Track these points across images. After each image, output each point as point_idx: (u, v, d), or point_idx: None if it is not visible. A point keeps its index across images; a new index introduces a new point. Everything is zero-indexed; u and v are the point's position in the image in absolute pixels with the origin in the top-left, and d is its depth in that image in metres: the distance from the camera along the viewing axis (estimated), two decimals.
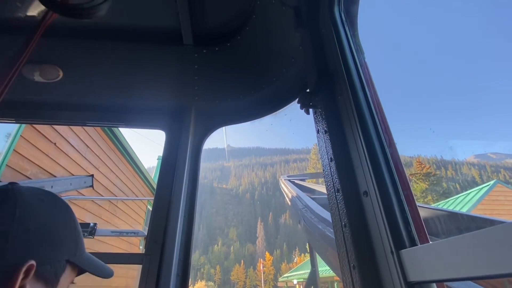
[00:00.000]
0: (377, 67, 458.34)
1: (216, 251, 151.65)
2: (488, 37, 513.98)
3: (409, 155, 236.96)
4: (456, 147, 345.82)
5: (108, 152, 8.01)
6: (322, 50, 1.10)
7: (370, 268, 0.67)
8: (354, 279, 0.69)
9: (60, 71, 1.88)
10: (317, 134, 1.02)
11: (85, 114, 1.91)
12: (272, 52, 1.84)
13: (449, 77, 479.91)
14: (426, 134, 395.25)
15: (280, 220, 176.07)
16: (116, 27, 1.91)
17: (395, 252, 0.60)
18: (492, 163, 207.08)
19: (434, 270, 0.49)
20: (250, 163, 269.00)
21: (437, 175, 50.91)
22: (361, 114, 0.81)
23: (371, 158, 0.74)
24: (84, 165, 6.54)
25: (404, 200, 0.68)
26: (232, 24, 1.91)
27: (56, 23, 1.76)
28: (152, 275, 1.43)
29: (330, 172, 0.87)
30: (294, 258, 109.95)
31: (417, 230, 0.63)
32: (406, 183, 0.71)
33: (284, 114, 2.03)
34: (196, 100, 2.01)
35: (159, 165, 16.08)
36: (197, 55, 2.02)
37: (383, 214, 0.65)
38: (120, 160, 8.96)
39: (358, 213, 0.75)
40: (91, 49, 1.93)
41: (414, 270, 0.55)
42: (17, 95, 1.88)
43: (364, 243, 0.71)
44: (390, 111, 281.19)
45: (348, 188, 0.80)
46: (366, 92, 0.84)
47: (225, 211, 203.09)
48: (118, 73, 1.97)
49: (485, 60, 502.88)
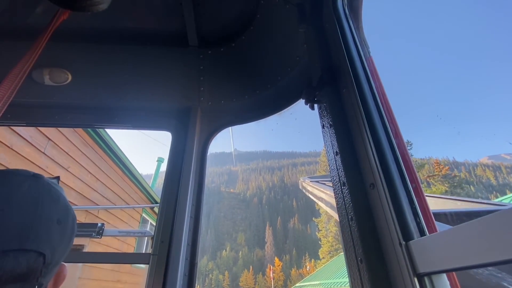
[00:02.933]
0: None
1: (224, 256, 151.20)
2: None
3: (419, 157, 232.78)
4: (464, 133, 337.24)
5: (83, 148, 6.29)
6: (327, 45, 1.10)
7: (378, 261, 0.65)
8: (361, 273, 0.67)
9: (69, 75, 1.92)
10: (322, 129, 1.01)
11: (93, 116, 1.94)
12: (276, 51, 1.84)
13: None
14: (434, 122, 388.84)
15: (288, 224, 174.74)
16: (122, 30, 1.95)
17: (404, 243, 0.58)
18: (507, 164, 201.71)
19: (444, 259, 0.47)
20: (257, 167, 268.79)
21: (458, 177, 48.71)
22: (366, 106, 0.80)
23: (378, 149, 0.72)
24: (43, 163, 4.96)
25: (412, 190, 0.66)
26: (236, 25, 1.92)
27: (64, 28, 1.81)
28: (159, 274, 1.43)
29: (336, 166, 0.86)
30: (306, 265, 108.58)
31: (425, 221, 0.61)
32: (414, 173, 0.69)
33: (290, 113, 2.01)
34: (201, 101, 2.02)
35: (158, 167, 15.39)
36: (202, 56, 2.05)
37: (391, 205, 0.64)
38: (103, 160, 7.21)
39: (364, 206, 0.73)
40: (98, 52, 1.97)
41: (424, 261, 0.53)
42: (28, 98, 1.93)
43: (371, 236, 0.69)
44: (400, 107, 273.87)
45: (354, 181, 0.78)
46: (371, 84, 0.83)
47: (233, 216, 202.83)
48: (125, 75, 2.00)
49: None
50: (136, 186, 9.45)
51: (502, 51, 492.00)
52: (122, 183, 8.45)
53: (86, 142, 6.46)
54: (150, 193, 10.59)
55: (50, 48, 1.77)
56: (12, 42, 1.77)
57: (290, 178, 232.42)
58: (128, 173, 8.70)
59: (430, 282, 0.53)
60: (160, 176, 13.81)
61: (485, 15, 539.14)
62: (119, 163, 8.02)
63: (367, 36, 1.06)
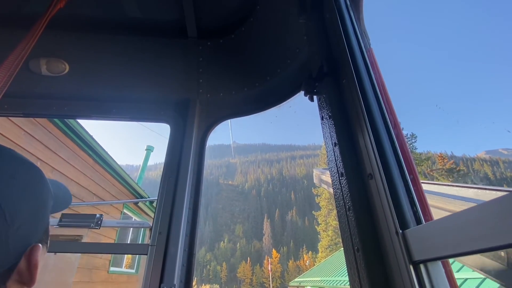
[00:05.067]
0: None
1: (222, 247, 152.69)
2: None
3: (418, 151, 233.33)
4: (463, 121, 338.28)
5: (43, 136, 5.09)
6: (326, 35, 1.09)
7: (374, 250, 0.66)
8: (358, 262, 0.68)
9: (66, 65, 1.90)
10: (321, 121, 1.01)
11: (91, 108, 1.93)
12: (276, 43, 1.83)
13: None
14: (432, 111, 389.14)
15: (286, 217, 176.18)
16: (120, 20, 1.93)
17: (400, 232, 0.59)
18: (505, 159, 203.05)
19: (439, 247, 0.48)
20: (256, 159, 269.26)
21: (463, 171, 48.26)
22: (366, 97, 0.80)
23: (376, 140, 0.72)
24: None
25: (410, 180, 0.66)
26: (236, 16, 1.90)
27: (61, 17, 1.78)
28: (157, 265, 1.45)
29: (334, 157, 0.86)
30: (303, 257, 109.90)
31: (422, 210, 0.62)
32: (411, 163, 0.69)
33: (289, 106, 2.01)
34: (200, 93, 2.01)
35: (147, 157, 13.38)
36: (201, 48, 2.03)
37: (388, 195, 0.64)
38: (69, 149, 5.98)
39: (362, 196, 0.74)
40: (96, 42, 1.95)
41: (419, 249, 0.54)
42: (25, 89, 1.91)
43: (368, 225, 0.70)
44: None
45: (352, 171, 0.79)
46: (371, 75, 0.83)
47: (231, 208, 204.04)
48: (123, 66, 1.98)
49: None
50: (115, 178, 7.98)
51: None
52: (94, 174, 6.90)
53: (46, 128, 5.30)
54: (134, 186, 9.17)
55: (47, 38, 1.76)
56: (8, 30, 1.75)
57: (288, 171, 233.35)
58: (101, 162, 7.05)
59: (425, 270, 0.54)
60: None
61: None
62: (88, 150, 6.43)
63: (367, 27, 1.05)
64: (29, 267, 0.49)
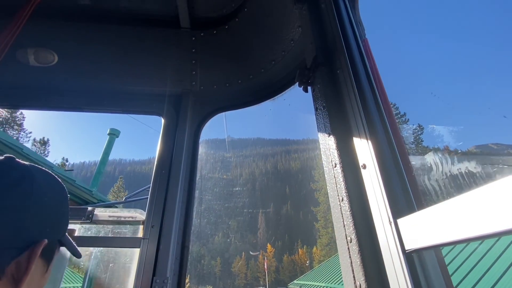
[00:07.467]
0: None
1: (216, 242, 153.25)
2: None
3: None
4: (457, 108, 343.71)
5: None
6: (321, 25, 1.07)
7: (367, 240, 0.66)
8: (351, 252, 0.68)
9: (55, 56, 1.84)
10: (315, 112, 1.00)
11: (81, 100, 1.89)
12: (271, 34, 1.80)
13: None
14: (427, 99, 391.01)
15: (281, 211, 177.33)
16: (111, 9, 1.87)
17: (393, 221, 0.59)
18: (496, 154, 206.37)
19: (432, 235, 0.48)
20: (251, 153, 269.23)
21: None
22: (360, 87, 0.79)
23: (370, 130, 0.72)
24: None
25: (403, 169, 0.66)
26: (230, 6, 1.86)
27: (49, 6, 1.72)
28: (150, 258, 1.44)
29: (328, 148, 0.85)
30: (298, 251, 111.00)
31: (415, 199, 0.62)
32: (405, 152, 0.69)
33: (283, 99, 1.99)
34: (193, 85, 1.97)
35: (110, 144, 9.97)
36: (194, 39, 1.98)
37: (382, 185, 0.64)
38: None
39: (356, 186, 0.73)
40: (86, 33, 1.89)
41: (412, 238, 0.54)
42: (12, 80, 1.86)
43: (361, 215, 0.69)
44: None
45: (346, 162, 0.78)
46: (366, 64, 0.82)
47: (226, 202, 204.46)
48: (114, 57, 1.93)
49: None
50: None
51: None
52: None
53: None
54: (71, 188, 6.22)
55: (35, 27, 1.70)
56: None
57: (283, 165, 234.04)
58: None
59: (418, 258, 0.54)
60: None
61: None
62: None
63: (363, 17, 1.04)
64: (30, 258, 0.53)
